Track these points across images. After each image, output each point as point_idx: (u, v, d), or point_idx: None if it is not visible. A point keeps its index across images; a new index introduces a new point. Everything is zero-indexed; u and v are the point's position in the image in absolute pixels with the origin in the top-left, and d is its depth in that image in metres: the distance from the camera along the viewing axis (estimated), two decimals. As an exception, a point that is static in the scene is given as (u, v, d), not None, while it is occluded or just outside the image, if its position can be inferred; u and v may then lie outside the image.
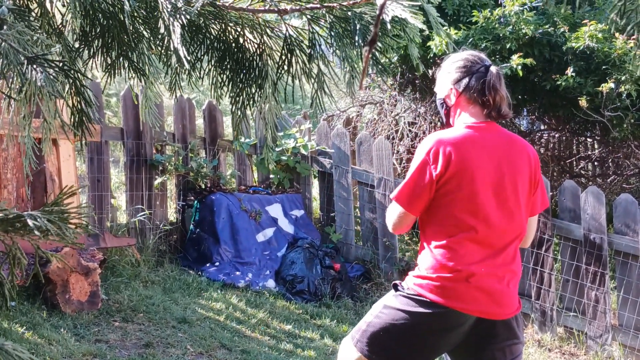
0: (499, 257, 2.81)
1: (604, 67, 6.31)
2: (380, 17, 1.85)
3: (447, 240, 2.79)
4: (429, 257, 2.83)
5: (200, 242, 6.62)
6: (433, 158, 2.75)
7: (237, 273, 6.38)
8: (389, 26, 1.95)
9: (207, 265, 6.45)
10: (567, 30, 6.48)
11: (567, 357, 5.82)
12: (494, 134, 2.88)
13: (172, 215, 6.93)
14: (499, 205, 2.81)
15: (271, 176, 7.44)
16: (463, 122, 2.89)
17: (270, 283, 6.40)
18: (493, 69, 2.89)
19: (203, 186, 6.90)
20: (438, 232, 2.82)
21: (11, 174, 5.42)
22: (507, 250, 2.83)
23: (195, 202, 6.75)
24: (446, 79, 2.95)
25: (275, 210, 7.03)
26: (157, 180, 6.60)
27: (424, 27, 1.91)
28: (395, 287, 2.91)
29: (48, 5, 2.38)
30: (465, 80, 2.88)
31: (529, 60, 6.32)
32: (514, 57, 6.33)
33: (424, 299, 2.78)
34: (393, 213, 2.90)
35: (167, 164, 6.62)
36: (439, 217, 2.82)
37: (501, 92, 2.88)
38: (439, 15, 2.23)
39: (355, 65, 2.08)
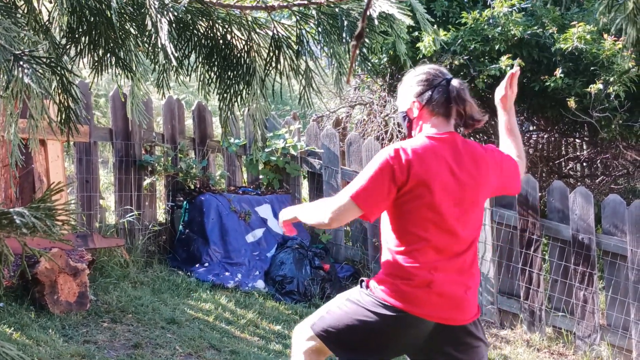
0: (458, 262, 2.89)
1: (592, 68, 6.34)
2: (368, 13, 1.85)
3: (408, 247, 2.85)
4: (391, 262, 2.89)
5: (189, 243, 6.60)
6: (396, 166, 2.79)
7: (227, 273, 6.37)
8: (376, 22, 1.95)
9: (197, 265, 6.43)
10: (555, 32, 6.50)
11: (556, 357, 5.84)
12: (455, 144, 2.94)
13: (161, 215, 6.91)
14: (459, 214, 2.88)
15: (260, 177, 7.43)
16: (424, 133, 2.95)
17: (260, 284, 6.39)
18: (454, 81, 2.96)
19: (192, 187, 6.89)
20: (400, 239, 2.87)
21: (-1, 174, 5.39)
22: (465, 256, 2.91)
23: (185, 202, 6.74)
24: (408, 93, 3.00)
25: (264, 210, 7.02)
26: (146, 181, 6.58)
27: (411, 22, 1.91)
28: (361, 284, 2.98)
29: (35, 2, 2.37)
30: (428, 94, 2.93)
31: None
32: (503, 58, 6.35)
33: (385, 302, 2.85)
34: (339, 206, 2.84)
35: (156, 164, 6.60)
36: (401, 225, 2.87)
37: (469, 101, 2.96)
38: (426, 12, 2.23)
39: (343, 62, 2.09)
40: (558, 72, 6.31)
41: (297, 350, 3.11)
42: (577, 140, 8.41)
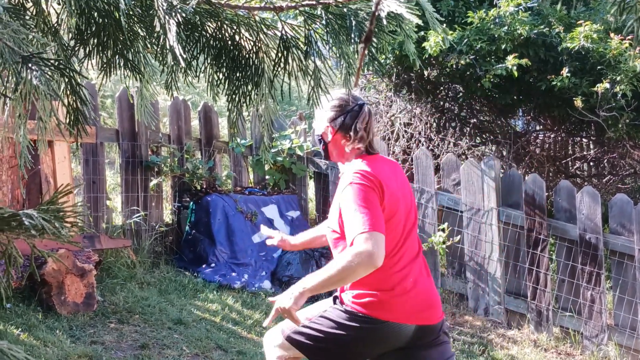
0: (418, 264, 3.02)
1: (599, 67, 6.32)
2: (376, 13, 1.85)
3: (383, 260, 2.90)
4: (365, 276, 2.88)
5: (196, 244, 6.61)
6: (373, 186, 2.85)
7: (233, 274, 6.37)
8: (384, 22, 1.95)
9: (203, 266, 6.44)
10: (562, 31, 6.49)
11: (563, 357, 5.83)
12: (386, 161, 3.11)
13: (167, 216, 6.92)
14: (407, 219, 3.01)
15: (267, 177, 7.43)
16: (357, 156, 3.03)
17: (266, 284, 6.40)
18: (365, 107, 3.05)
19: (199, 187, 6.90)
20: None
21: (6, 175, 5.40)
22: (419, 257, 3.05)
23: (191, 203, 6.75)
24: (323, 117, 3.10)
25: (271, 211, 7.02)
26: (153, 182, 6.59)
27: (420, 21, 1.91)
28: (334, 300, 3.05)
29: (43, 4, 2.37)
30: (340, 119, 3.03)
31: (524, 61, 6.33)
32: (509, 57, 6.34)
33: (367, 315, 2.90)
34: (372, 244, 2.71)
35: (162, 165, 6.61)
36: None
37: (372, 129, 3.08)
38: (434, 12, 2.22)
39: (352, 62, 2.09)
40: (565, 72, 6.30)
41: (271, 358, 3.18)
42: (584, 139, 8.37)
